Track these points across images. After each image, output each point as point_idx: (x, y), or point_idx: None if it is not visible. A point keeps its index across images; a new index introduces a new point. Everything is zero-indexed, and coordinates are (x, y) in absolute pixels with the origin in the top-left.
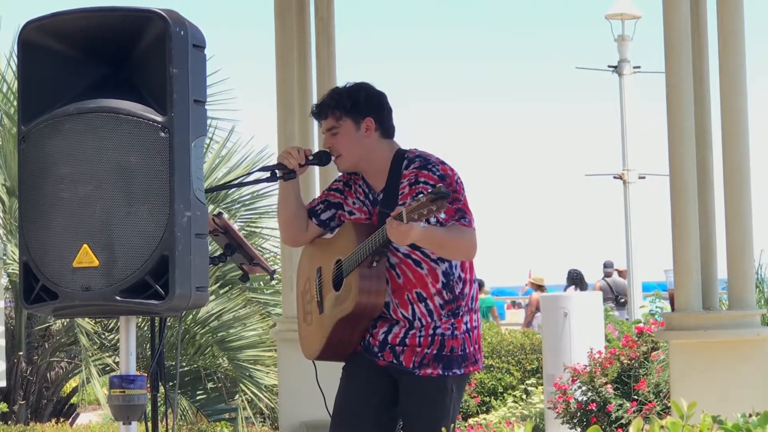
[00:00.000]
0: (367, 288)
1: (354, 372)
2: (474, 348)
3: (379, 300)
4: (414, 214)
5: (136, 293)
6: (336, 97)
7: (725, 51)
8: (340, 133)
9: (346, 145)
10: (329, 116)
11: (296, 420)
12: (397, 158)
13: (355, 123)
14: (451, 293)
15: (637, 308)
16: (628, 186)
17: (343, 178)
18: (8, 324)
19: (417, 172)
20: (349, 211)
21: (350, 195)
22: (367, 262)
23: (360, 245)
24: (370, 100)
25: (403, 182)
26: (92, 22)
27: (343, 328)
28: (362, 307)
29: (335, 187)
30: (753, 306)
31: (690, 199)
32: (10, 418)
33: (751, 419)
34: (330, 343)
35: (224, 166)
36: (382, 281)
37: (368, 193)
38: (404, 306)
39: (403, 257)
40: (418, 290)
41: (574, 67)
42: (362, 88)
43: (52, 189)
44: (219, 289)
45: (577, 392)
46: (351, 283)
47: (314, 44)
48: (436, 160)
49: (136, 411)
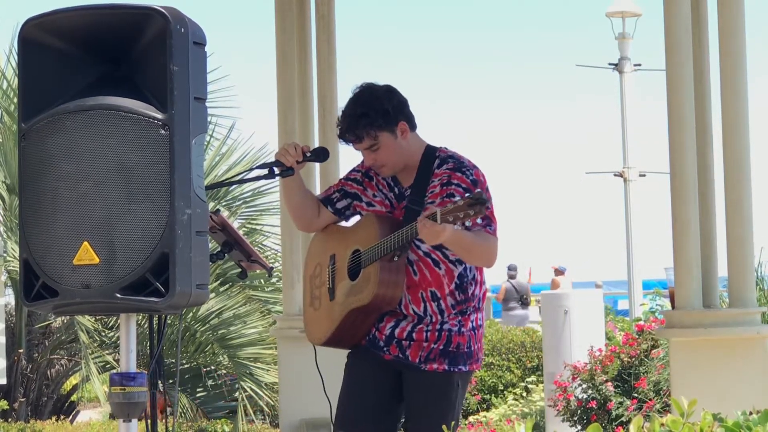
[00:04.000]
0: (387, 280)
1: (358, 367)
2: (477, 346)
3: (397, 293)
4: (449, 216)
5: (136, 291)
6: (364, 116)
7: (725, 48)
8: (381, 147)
9: (389, 156)
10: (366, 137)
11: (296, 417)
12: (427, 155)
13: (392, 133)
14: (463, 294)
15: (637, 306)
16: (629, 184)
17: (362, 168)
18: (8, 321)
19: (450, 173)
20: (367, 202)
21: (370, 187)
22: (389, 256)
23: (385, 238)
24: (395, 104)
25: (434, 181)
26: (93, 20)
27: (355, 319)
28: (380, 299)
29: (353, 177)
30: (753, 304)
31: (690, 196)
32: (10, 415)
33: (752, 417)
34: (338, 332)
35: (224, 163)
36: (401, 275)
37: (393, 187)
38: (416, 303)
39: (423, 255)
40: (433, 289)
41: (575, 64)
42: (381, 96)
43: (53, 186)
44: (219, 286)
45: (578, 390)
46: (370, 274)
47: (314, 41)
48: (469, 164)
49: (136, 408)
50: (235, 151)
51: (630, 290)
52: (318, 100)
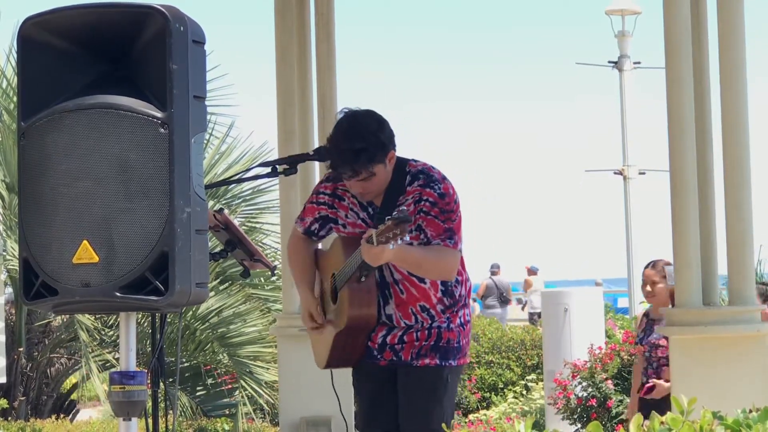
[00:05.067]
0: (358, 302)
1: (360, 381)
2: (465, 341)
3: (371, 312)
4: (382, 237)
5: (136, 289)
6: (364, 151)
7: (725, 47)
8: (376, 177)
9: (378, 184)
10: (363, 171)
11: (296, 416)
12: (397, 170)
13: (383, 164)
14: (451, 298)
15: (637, 304)
16: (629, 182)
17: (328, 189)
18: (8, 320)
19: (421, 190)
20: (342, 224)
21: (342, 207)
22: (355, 277)
23: (347, 261)
24: (387, 135)
25: (408, 199)
26: (92, 18)
27: (344, 341)
28: (355, 321)
29: (323, 200)
30: (753, 302)
31: (690, 194)
32: (10, 414)
33: (752, 415)
34: (333, 355)
35: (224, 162)
36: (372, 294)
37: (366, 207)
38: (407, 317)
39: (407, 275)
40: (422, 303)
41: (575, 62)
42: (375, 129)
43: (52, 185)
44: (219, 285)
45: (578, 388)
46: (343, 298)
47: (314, 40)
48: (439, 176)
49: (136, 407)
50: (234, 149)
51: (630, 288)
52: (317, 99)
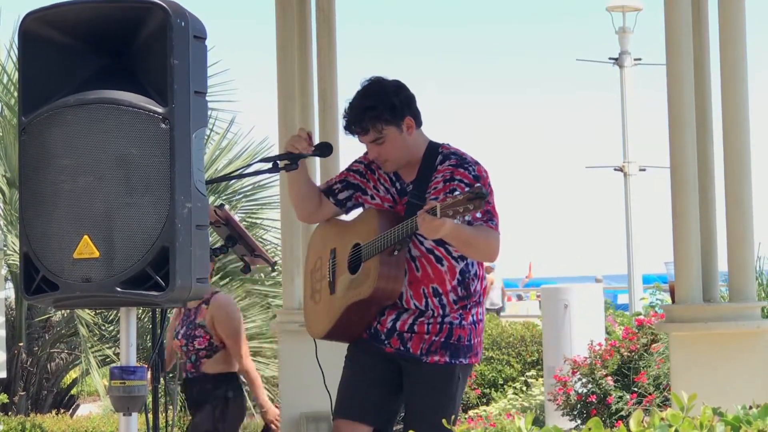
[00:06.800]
0: (386, 274)
1: (358, 358)
2: (477, 340)
3: (397, 287)
4: (449, 210)
5: (136, 284)
6: (371, 109)
7: (726, 43)
8: (386, 141)
9: (393, 151)
10: (371, 130)
11: (296, 411)
12: (429, 151)
13: (397, 128)
14: (465, 290)
15: (637, 300)
16: (629, 178)
17: (365, 159)
18: (9, 315)
19: (453, 170)
20: (370, 195)
21: (373, 179)
22: (389, 250)
23: (385, 232)
24: (403, 99)
25: (437, 177)
26: (93, 13)
27: (355, 312)
28: (380, 293)
29: (356, 168)
30: (753, 298)
31: (690, 191)
32: (10, 409)
33: (752, 411)
34: (338, 325)
35: (225, 157)
36: (401, 269)
37: (395, 182)
38: (418, 298)
39: (425, 251)
40: (435, 285)
41: (575, 59)
42: (390, 90)
43: (53, 180)
44: (219, 280)
45: (578, 384)
46: (370, 268)
47: (315, 35)
48: (472, 160)
49: (136, 402)
50: (235, 145)
51: (630, 284)
52: (318, 94)
